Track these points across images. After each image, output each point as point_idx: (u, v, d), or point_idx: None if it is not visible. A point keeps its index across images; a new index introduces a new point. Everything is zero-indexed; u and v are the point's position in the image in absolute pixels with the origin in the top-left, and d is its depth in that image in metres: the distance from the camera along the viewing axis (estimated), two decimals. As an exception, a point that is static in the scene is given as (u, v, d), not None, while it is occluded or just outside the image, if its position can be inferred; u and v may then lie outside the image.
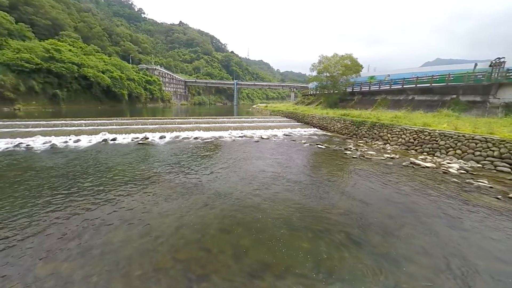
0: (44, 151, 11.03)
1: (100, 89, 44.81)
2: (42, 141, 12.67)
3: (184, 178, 7.70)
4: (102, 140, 13.54)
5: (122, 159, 9.75)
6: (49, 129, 15.17)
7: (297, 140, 15.74)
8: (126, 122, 18.62)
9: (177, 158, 10.27)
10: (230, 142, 14.51)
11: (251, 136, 16.35)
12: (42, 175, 7.64)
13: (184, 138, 15.00)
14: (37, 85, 34.98)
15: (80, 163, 9.10)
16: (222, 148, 12.70)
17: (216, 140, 14.91)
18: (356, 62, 28.99)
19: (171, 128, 16.84)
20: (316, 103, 37.45)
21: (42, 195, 6.17)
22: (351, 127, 17.80)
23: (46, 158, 9.77)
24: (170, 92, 76.10)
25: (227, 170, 8.67)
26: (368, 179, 8.08)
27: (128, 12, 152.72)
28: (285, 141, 15.14)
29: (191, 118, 22.04)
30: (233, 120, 22.02)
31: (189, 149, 12.12)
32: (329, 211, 5.67)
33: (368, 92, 29.05)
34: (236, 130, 18.18)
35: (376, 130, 15.72)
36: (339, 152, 12.11)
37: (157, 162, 9.55)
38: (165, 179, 7.58)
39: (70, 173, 7.84)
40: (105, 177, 7.60)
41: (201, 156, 10.75)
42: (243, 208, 5.75)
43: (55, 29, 55.41)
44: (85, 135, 14.31)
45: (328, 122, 20.31)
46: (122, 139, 14.15)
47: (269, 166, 9.36)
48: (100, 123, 17.39)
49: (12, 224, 4.82)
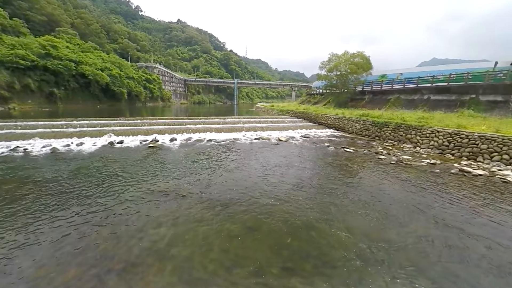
0: (44, 157, 9.76)
1: (98, 88, 43.20)
2: (41, 145, 11.36)
3: (213, 193, 6.53)
4: (108, 143, 12.27)
5: (135, 168, 8.52)
6: (49, 130, 13.84)
7: (317, 142, 14.63)
8: (131, 122, 17.34)
9: (197, 166, 9.07)
10: (247, 145, 13.34)
11: (268, 138, 15.20)
12: (44, 189, 6.41)
13: (196, 141, 13.79)
14: (33, 83, 33.36)
15: (87, 172, 7.86)
16: (243, 152, 11.52)
17: (232, 143, 13.72)
18: (367, 60, 27.96)
19: (181, 130, 15.61)
20: (323, 102, 36.41)
21: (44, 218, 4.96)
22: (372, 129, 16.74)
23: (47, 165, 8.51)
24: (170, 91, 74.51)
25: (262, 183, 7.51)
26: (428, 192, 6.99)
27: (125, 9, 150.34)
28: (306, 144, 14.01)
29: (199, 118, 20.81)
30: (244, 121, 20.83)
31: (206, 154, 10.92)
32: (418, 245, 4.56)
33: (380, 91, 28.06)
34: (249, 131, 17.01)
35: (402, 132, 14.67)
36: (371, 157, 11.02)
37: (176, 171, 8.35)
38: (191, 194, 6.40)
39: (77, 187, 6.59)
40: (120, 193, 6.39)
41: (223, 164, 9.57)
42: (305, 243, 4.61)
43: (51, 26, 53.57)
44: (89, 137, 13.04)
45: (345, 123, 19.23)
46: (129, 142, 12.89)
47: (306, 178, 8.21)
48: (103, 124, 16.08)
49: (9, 261, 3.62)
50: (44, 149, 10.80)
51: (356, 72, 27.14)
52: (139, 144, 12.53)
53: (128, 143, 12.60)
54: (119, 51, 73.41)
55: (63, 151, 10.69)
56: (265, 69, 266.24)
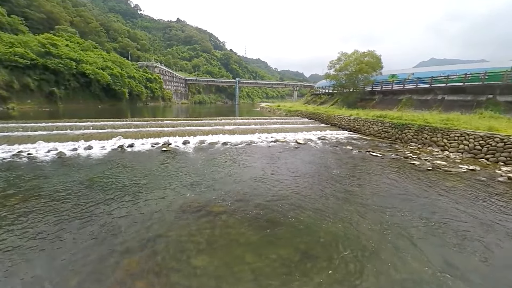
0: (51, 163, 8.92)
1: (99, 87, 42.15)
2: (46, 149, 10.51)
3: (249, 209, 5.74)
4: (118, 147, 11.43)
5: (154, 177, 7.70)
6: (53, 133, 12.98)
7: (337, 145, 13.86)
8: (139, 124, 16.48)
9: (221, 174, 8.26)
10: (266, 149, 12.55)
11: (285, 141, 14.41)
12: (53, 204, 5.59)
13: (211, 144, 12.97)
14: (32, 82, 32.30)
15: (101, 184, 7.03)
16: (264, 158, 10.72)
17: (248, 146, 12.92)
18: (377, 59, 27.22)
19: (192, 132, 14.79)
20: (330, 102, 35.68)
21: (56, 243, 4.15)
22: (392, 131, 16.01)
23: (56, 175, 7.68)
24: (171, 90, 73.48)
25: (300, 196, 6.74)
26: (489, 204, 6.24)
27: (124, 8, 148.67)
28: (326, 147, 13.24)
29: (209, 119, 19.97)
30: (254, 121, 20.05)
31: (226, 160, 10.12)
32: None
33: (390, 91, 27.39)
34: (263, 133, 16.22)
35: (426, 134, 13.95)
36: (403, 162, 10.27)
37: (200, 181, 7.54)
38: (225, 211, 5.61)
39: (91, 203, 5.75)
40: (143, 210, 5.58)
41: (248, 172, 8.77)
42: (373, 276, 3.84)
43: (50, 24, 52.40)
44: (96, 140, 12.17)
45: (361, 124, 18.49)
46: (140, 145, 12.05)
47: (346, 190, 7.44)
48: (110, 126, 15.22)
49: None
50: (50, 154, 9.96)
51: (367, 71, 26.42)
52: (151, 148, 11.70)
53: (139, 147, 11.77)
54: (119, 50, 72.23)
55: (70, 156, 9.85)
56: (265, 68, 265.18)
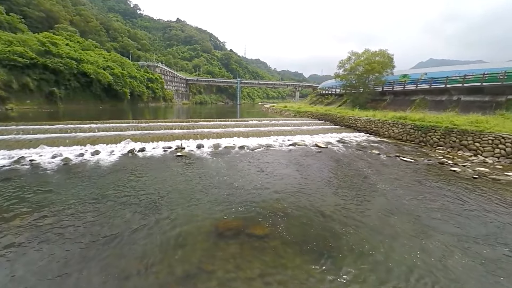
0: (57, 171, 7.98)
1: (100, 87, 41.09)
2: (50, 154, 9.57)
3: (295, 231, 4.86)
4: (128, 152, 10.50)
5: (174, 189, 6.77)
6: (56, 135, 12.03)
7: (360, 148, 12.98)
8: (146, 126, 15.55)
9: (249, 185, 7.35)
10: (286, 153, 11.65)
11: (304, 144, 13.53)
12: (62, 226, 4.66)
13: (227, 148, 12.06)
14: (31, 82, 31.26)
15: (115, 197, 6.10)
16: (290, 164, 9.82)
17: (267, 150, 12.02)
18: (389, 59, 26.40)
19: (204, 134, 13.87)
20: (338, 103, 34.85)
21: (70, 273, 3.24)
22: (414, 133, 15.16)
23: (63, 185, 6.75)
24: (172, 90, 72.44)
25: (347, 210, 5.87)
26: None
27: (123, 7, 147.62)
28: (350, 151, 12.36)
29: (218, 121, 19.04)
30: (266, 123, 19.16)
31: (250, 166, 9.22)
32: None
33: (402, 92, 26.60)
34: (279, 135, 15.34)
35: (454, 137, 13.10)
36: (441, 169, 9.41)
37: (229, 193, 6.64)
38: (268, 233, 4.71)
39: (106, 222, 4.84)
40: (170, 234, 4.67)
41: (278, 182, 7.87)
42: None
43: (49, 22, 51.35)
44: (103, 143, 11.25)
45: (379, 126, 17.63)
46: (152, 150, 11.12)
47: (399, 207, 6.57)
48: (116, 128, 14.30)
49: None
50: (55, 160, 9.02)
51: (379, 71, 25.61)
52: (163, 153, 10.77)
53: (151, 152, 10.84)
54: (119, 49, 71.12)
55: (77, 163, 8.92)
56: (264, 68, 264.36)
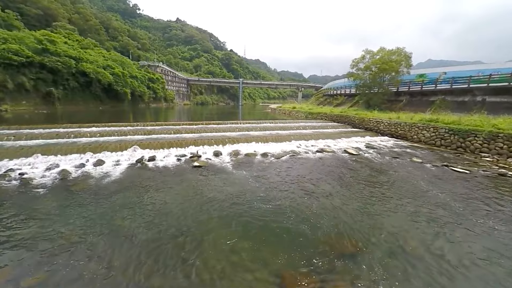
0: (52, 188, 6.48)
1: (100, 88, 39.41)
2: (44, 165, 8.06)
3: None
4: (136, 162, 8.99)
5: (201, 216, 5.28)
6: (52, 141, 10.53)
7: (397, 156, 11.51)
8: (152, 129, 14.04)
9: (298, 207, 5.88)
10: (317, 161, 10.18)
11: (332, 150, 12.06)
12: (61, 277, 3.17)
13: (248, 155, 10.57)
14: (27, 81, 29.60)
15: (129, 229, 4.61)
16: (328, 176, 8.35)
17: (294, 158, 10.54)
18: (407, 58, 25.01)
19: (218, 139, 12.37)
20: (348, 104, 33.46)
21: None
22: (450, 138, 13.73)
23: (59, 210, 5.25)
24: (173, 91, 70.85)
25: (430, 246, 4.40)
26: None
27: (123, 7, 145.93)
28: (387, 159, 10.89)
29: (229, 123, 17.54)
30: (281, 126, 17.67)
31: (283, 180, 7.73)
32: None
33: (419, 92, 25.25)
34: (300, 140, 13.86)
35: (501, 143, 11.69)
36: (506, 182, 7.97)
37: (276, 222, 5.17)
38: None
39: (121, 272, 3.38)
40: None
41: (326, 202, 6.41)
42: None
43: (47, 20, 49.68)
44: (108, 151, 9.73)
45: (406, 129, 16.20)
46: (163, 158, 9.62)
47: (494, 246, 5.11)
48: (120, 132, 12.77)
49: None
50: (50, 173, 7.50)
51: (397, 70, 24.25)
52: (177, 162, 9.27)
53: (163, 161, 9.34)
54: (119, 49, 69.41)
55: (77, 177, 7.41)
56: (264, 69, 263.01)
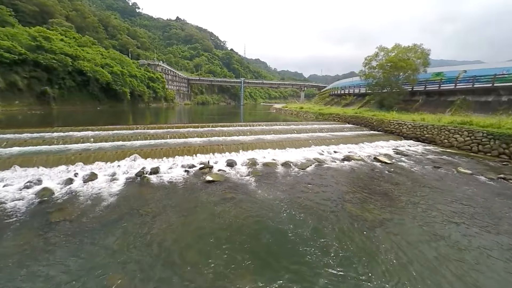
0: (23, 218, 4.90)
1: (98, 87, 37.77)
2: (22, 181, 6.49)
3: None
4: (136, 175, 7.41)
5: (229, 265, 3.75)
6: (36, 149, 8.94)
7: (438, 165, 9.95)
8: (154, 133, 12.48)
9: (368, 251, 4.33)
10: (347, 172, 8.62)
11: (360, 158, 10.50)
12: None
13: (267, 165, 9.00)
14: (21, 80, 27.98)
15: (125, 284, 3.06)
16: (371, 195, 6.81)
17: (320, 168, 8.98)
18: (425, 55, 23.45)
19: (230, 144, 10.80)
20: (358, 104, 31.92)
21: None
22: (489, 143, 12.19)
23: (20, 256, 3.69)
24: (173, 90, 69.18)
25: None
26: None
27: (122, 6, 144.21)
28: (428, 169, 9.33)
29: (238, 126, 15.97)
30: (294, 128, 16.11)
31: (319, 200, 6.16)
32: None
33: (436, 91, 23.73)
34: (320, 145, 12.31)
35: (556, 149, 10.18)
36: None
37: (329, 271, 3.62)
38: None
39: None
40: None
41: (394, 239, 4.85)
42: None
43: (43, 17, 48.00)
44: (101, 161, 8.15)
45: (434, 132, 14.66)
46: (168, 170, 8.04)
47: None
48: (117, 136, 11.17)
49: None
50: (27, 193, 5.94)
51: (415, 69, 22.73)
52: (185, 175, 7.69)
53: (168, 174, 7.75)
54: (118, 47, 67.65)
55: (60, 197, 5.85)
56: (264, 68, 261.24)
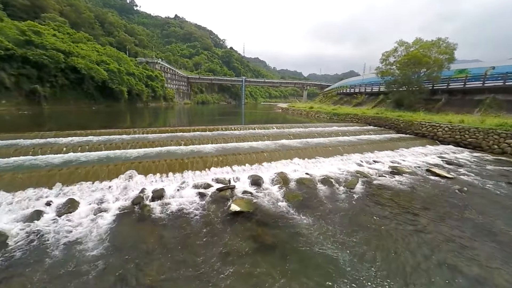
0: None
1: (93, 85, 35.64)
2: (-35, 217, 4.43)
3: None
4: (132, 203, 5.38)
5: None
6: (2, 163, 6.86)
7: (503, 179, 8.00)
8: (155, 138, 10.45)
9: None
10: (406, 191, 6.61)
11: (411, 171, 8.50)
12: None
13: (302, 182, 6.97)
14: (8, 78, 25.80)
15: None
16: (465, 233, 4.82)
17: (369, 186, 6.96)
18: (451, 51, 21.42)
19: (249, 154, 8.75)
20: (371, 103, 29.97)
21: None
22: (555, 149, 10.28)
23: None
24: (173, 89, 67.01)
25: None
26: None
27: (119, 3, 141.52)
28: (502, 186, 7.35)
29: (251, 129, 13.94)
30: (315, 132, 14.10)
31: (393, 245, 4.16)
32: None
33: (460, 90, 21.85)
34: (353, 153, 10.29)
35: None
36: None
37: None
38: None
39: None
40: None
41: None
42: None
43: (35, 12, 45.55)
44: (86, 181, 6.10)
45: (479, 137, 12.69)
46: (176, 193, 5.97)
47: None
48: (111, 144, 9.11)
49: None
50: (-35, 241, 3.87)
51: (441, 65, 20.80)
52: (200, 201, 5.65)
53: (176, 200, 5.69)
54: (115, 44, 65.22)
55: (17, 244, 3.79)
56: (264, 67, 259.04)
